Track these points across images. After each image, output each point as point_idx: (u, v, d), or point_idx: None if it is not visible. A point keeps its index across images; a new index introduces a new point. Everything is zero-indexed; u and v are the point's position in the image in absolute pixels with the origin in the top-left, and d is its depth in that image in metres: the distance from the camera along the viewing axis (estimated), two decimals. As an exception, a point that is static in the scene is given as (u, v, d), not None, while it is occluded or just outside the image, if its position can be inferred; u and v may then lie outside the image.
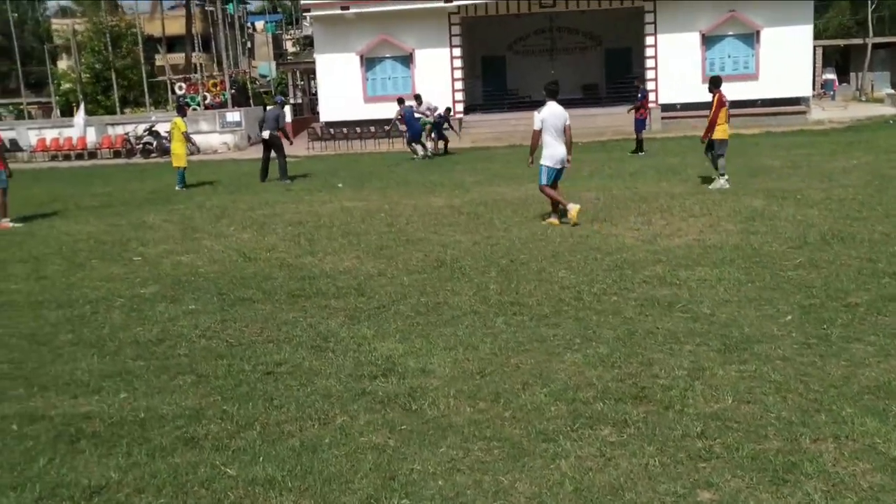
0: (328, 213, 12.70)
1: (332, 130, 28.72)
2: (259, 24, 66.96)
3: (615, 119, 27.67)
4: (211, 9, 55.95)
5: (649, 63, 28.99)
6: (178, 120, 17.84)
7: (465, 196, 13.86)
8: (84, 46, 38.73)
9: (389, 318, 6.54)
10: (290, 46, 65.30)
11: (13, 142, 30.34)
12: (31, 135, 30.93)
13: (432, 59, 29.35)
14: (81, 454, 4.27)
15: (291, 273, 8.46)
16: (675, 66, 28.44)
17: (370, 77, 29.91)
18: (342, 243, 10.03)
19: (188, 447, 4.29)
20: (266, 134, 17.97)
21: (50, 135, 30.82)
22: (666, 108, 28.51)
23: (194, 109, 32.33)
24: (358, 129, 28.41)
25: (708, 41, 28.54)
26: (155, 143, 28.63)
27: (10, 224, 12.92)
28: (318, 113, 31.99)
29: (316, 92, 33.91)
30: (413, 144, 22.05)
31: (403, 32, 29.25)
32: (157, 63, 44.27)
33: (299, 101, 37.54)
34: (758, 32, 28.18)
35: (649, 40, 28.92)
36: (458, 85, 29.71)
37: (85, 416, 4.79)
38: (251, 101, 36.56)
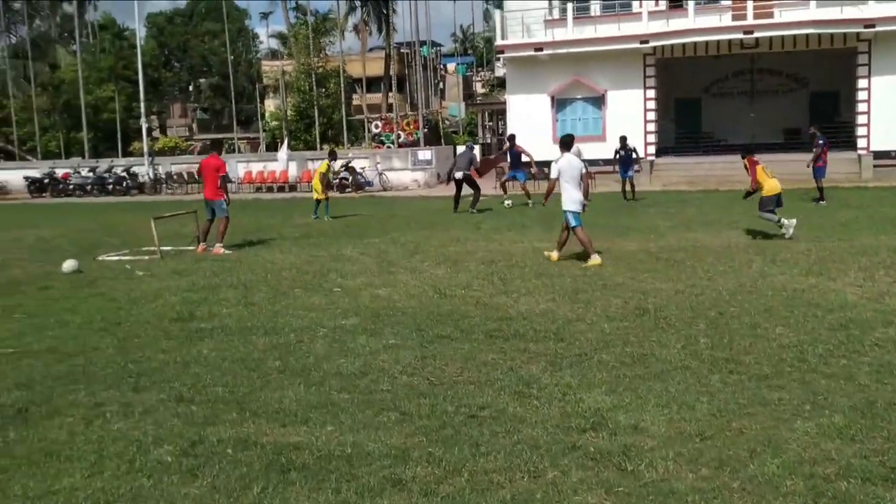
0: (519, 252, 12.58)
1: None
2: (451, 66, 68.94)
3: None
4: (406, 51, 58.36)
5: (861, 107, 27.13)
6: (326, 163, 20.31)
7: (660, 241, 13.35)
8: (291, 86, 41.22)
9: (593, 368, 6.25)
10: (479, 88, 66.73)
11: (223, 173, 32.61)
12: (239, 167, 33.11)
13: (625, 100, 28.91)
14: (292, 486, 4.27)
15: (487, 312, 8.35)
16: (891, 110, 26.44)
17: (560, 118, 29.84)
18: (536, 284, 9.84)
19: (396, 489, 4.19)
20: (459, 175, 19.81)
21: (256, 168, 32.89)
22: (879, 154, 26.51)
23: (388, 147, 33.49)
24: (546, 170, 28.26)
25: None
26: (350, 179, 29.83)
27: (223, 250, 13.72)
28: (506, 153, 32.31)
29: (503, 132, 34.31)
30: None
31: (596, 73, 29.03)
32: (355, 102, 46.38)
33: (488, 140, 38.12)
34: None
35: (862, 83, 27.11)
36: (651, 127, 29.05)
37: (294, 447, 4.81)
38: (442, 140, 37.46)
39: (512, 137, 22.89)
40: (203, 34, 78.58)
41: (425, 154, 30.99)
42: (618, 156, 21.99)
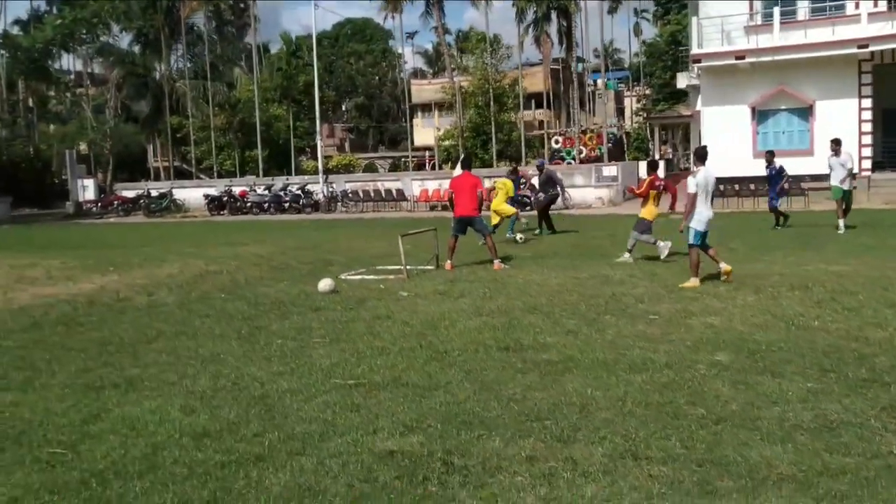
0: (817, 276, 10.92)
1: (720, 187, 26.87)
2: (599, 82, 67.17)
3: None
4: (556, 67, 57.15)
5: None
6: (507, 182, 18.27)
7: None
8: (468, 102, 40.64)
9: None
10: (633, 103, 64.59)
11: (399, 192, 32.15)
12: (414, 185, 32.57)
13: (836, 110, 26.56)
14: None
15: (872, 349, 6.86)
16: None
17: (761, 130, 27.77)
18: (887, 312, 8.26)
19: None
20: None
21: (431, 186, 32.23)
22: None
23: (569, 163, 32.19)
24: (740, 186, 26.18)
25: None
26: (532, 197, 28.66)
27: (503, 265, 13.15)
28: (688, 168, 30.49)
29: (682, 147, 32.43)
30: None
31: (804, 82, 26.84)
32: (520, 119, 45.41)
33: (670, 156, 36.26)
34: None
35: None
36: (866, 140, 26.58)
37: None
38: (625, 155, 35.89)
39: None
40: (348, 55, 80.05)
41: (610, 170, 29.52)
42: (769, 174, 18.86)
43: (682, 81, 35.68)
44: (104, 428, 5.60)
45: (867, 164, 26.46)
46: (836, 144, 17.29)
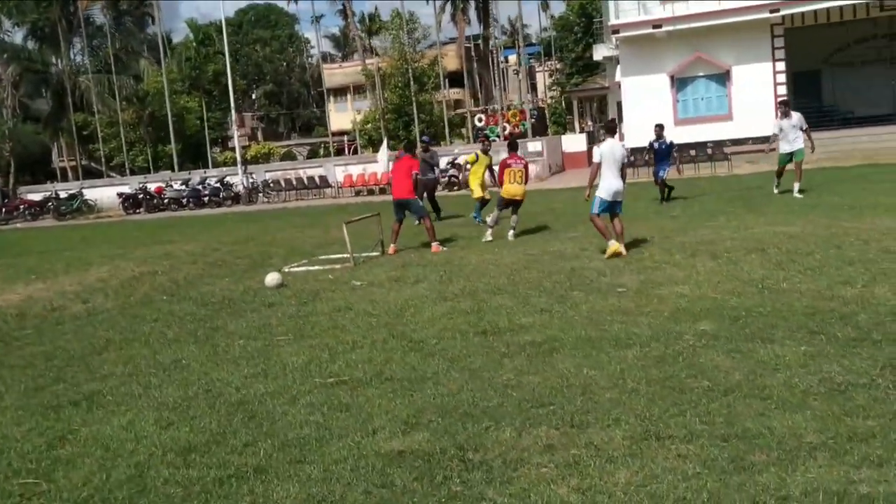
0: (768, 238, 11.00)
1: (633, 158, 27.17)
2: (511, 58, 67.27)
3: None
4: (468, 45, 57.07)
5: None
6: (477, 155, 16.93)
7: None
8: (387, 83, 39.98)
9: None
10: (545, 77, 64.93)
11: (322, 178, 31.52)
12: (337, 171, 31.98)
13: (752, 75, 27.14)
14: None
15: (849, 307, 6.88)
16: None
17: (681, 98, 28.18)
18: (850, 270, 8.35)
19: None
20: None
21: (355, 171, 31.72)
22: None
23: (493, 141, 32.10)
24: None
25: None
26: (460, 176, 28.49)
27: (441, 248, 12.89)
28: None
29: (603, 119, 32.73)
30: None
31: (720, 48, 27.30)
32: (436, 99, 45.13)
33: (591, 128, 36.54)
34: None
35: None
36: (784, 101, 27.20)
37: None
38: (548, 130, 35.97)
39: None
40: (254, 42, 78.16)
41: (535, 145, 29.55)
42: (651, 148, 17.95)
43: (598, 53, 35.92)
44: (75, 451, 5.14)
45: (784, 126, 27.13)
46: (784, 106, 16.67)
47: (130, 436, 5.33)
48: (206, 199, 32.36)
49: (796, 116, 16.18)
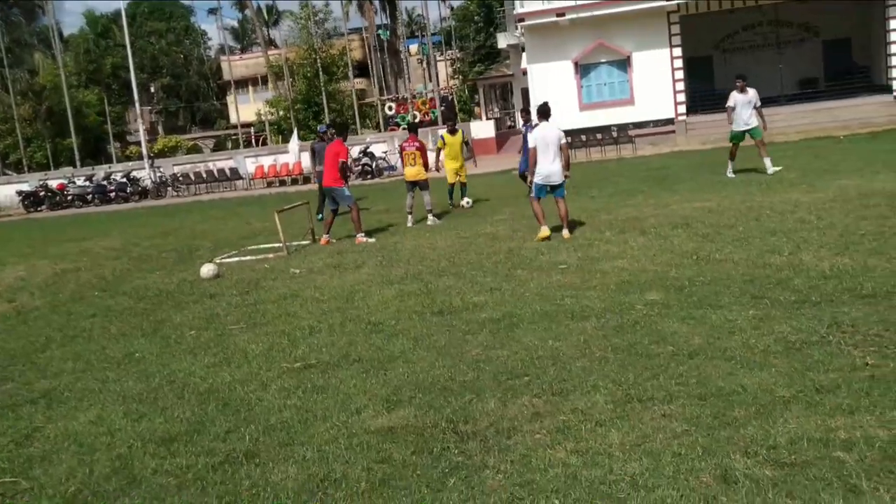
0: (689, 213, 11.47)
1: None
2: (413, 48, 67.34)
3: (844, 112, 25.89)
4: (368, 35, 56.78)
5: (894, 49, 26.70)
6: (450, 137, 15.98)
7: (828, 191, 12.28)
8: (296, 73, 39.33)
9: None
10: (446, 66, 65.25)
11: (233, 170, 30.92)
12: (248, 162, 31.41)
13: (651, 61, 28.03)
14: None
15: (781, 273, 7.30)
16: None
17: (585, 84, 28.85)
18: (792, 239, 8.83)
19: None
20: None
21: (266, 161, 31.23)
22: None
23: (403, 129, 32.14)
24: (571, 139, 27.12)
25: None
26: (374, 165, 28.46)
27: (365, 238, 12.61)
28: (513, 126, 31.28)
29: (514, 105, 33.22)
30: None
31: (620, 35, 28.07)
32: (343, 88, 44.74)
33: (497, 115, 36.96)
34: None
35: (894, 24, 26.63)
36: (680, 86, 28.25)
37: None
38: (458, 117, 36.13)
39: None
40: (148, 34, 75.68)
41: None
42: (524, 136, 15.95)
43: (502, 41, 36.36)
44: (48, 448, 5.00)
45: (682, 108, 28.18)
46: (742, 80, 15.49)
47: (102, 430, 5.22)
48: (112, 194, 31.29)
49: (752, 92, 15.43)
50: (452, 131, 16.16)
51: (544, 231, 10.77)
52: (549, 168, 10.99)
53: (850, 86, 29.30)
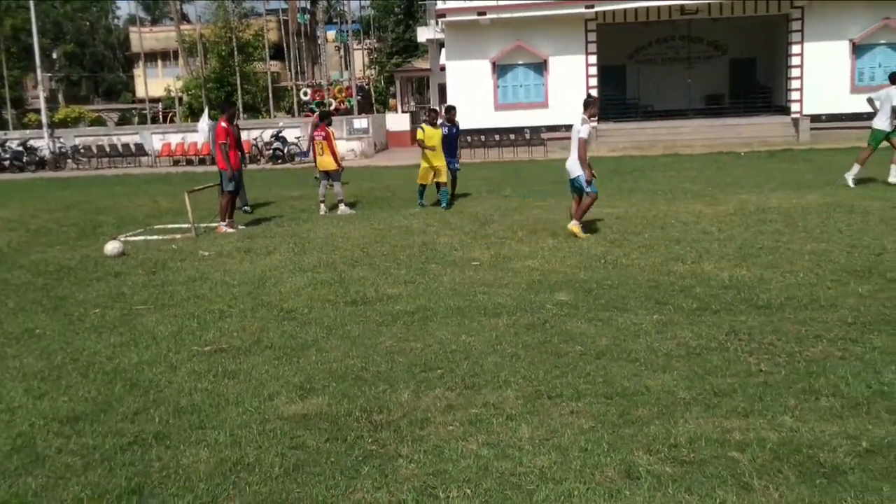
0: (598, 218, 11.83)
1: (467, 138, 27.96)
2: (330, 35, 66.60)
3: (746, 130, 27.12)
4: (285, 18, 55.88)
5: (794, 72, 27.99)
6: (429, 128, 14.14)
7: (728, 204, 12.84)
8: (210, 51, 38.33)
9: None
10: (363, 56, 64.86)
11: (139, 146, 29.97)
12: (155, 139, 30.52)
13: (567, 66, 28.57)
14: None
15: (692, 281, 7.64)
16: (823, 75, 27.39)
17: (501, 84, 29.19)
18: (695, 249, 9.21)
19: None
20: None
21: (174, 140, 30.40)
22: (813, 118, 27.38)
23: (315, 113, 31.81)
24: (486, 137, 27.48)
25: (859, 50, 27.45)
26: (286, 150, 28.08)
27: (226, 229, 12.29)
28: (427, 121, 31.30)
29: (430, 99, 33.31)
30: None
31: (539, 39, 28.50)
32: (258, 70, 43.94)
33: (414, 108, 36.96)
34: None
35: (795, 48, 27.91)
36: (594, 93, 28.86)
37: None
38: (374, 108, 35.99)
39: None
40: (52, -3, 72.55)
41: (361, 122, 29.57)
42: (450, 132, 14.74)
43: (421, 35, 36.40)
44: (-60, 425, 4.82)
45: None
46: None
47: (1, 406, 5.06)
48: (6, 163, 29.86)
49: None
50: (432, 123, 14.28)
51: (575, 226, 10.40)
52: (567, 162, 10.94)
53: (752, 104, 30.58)
